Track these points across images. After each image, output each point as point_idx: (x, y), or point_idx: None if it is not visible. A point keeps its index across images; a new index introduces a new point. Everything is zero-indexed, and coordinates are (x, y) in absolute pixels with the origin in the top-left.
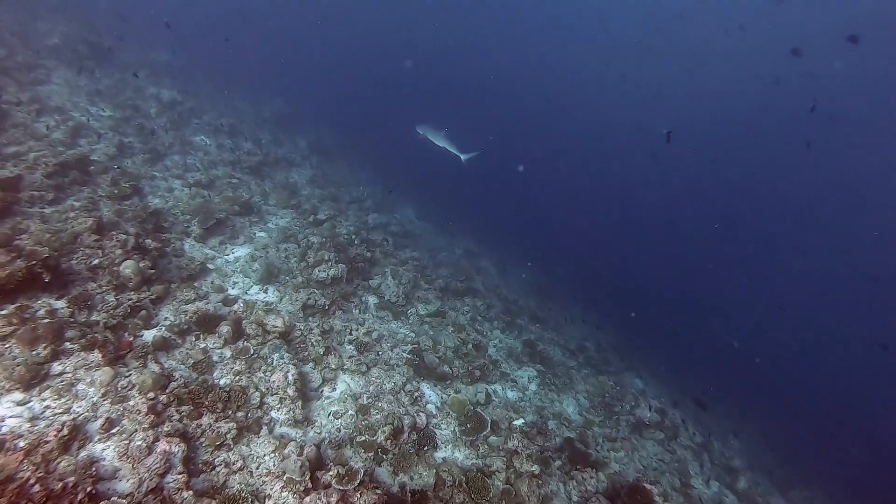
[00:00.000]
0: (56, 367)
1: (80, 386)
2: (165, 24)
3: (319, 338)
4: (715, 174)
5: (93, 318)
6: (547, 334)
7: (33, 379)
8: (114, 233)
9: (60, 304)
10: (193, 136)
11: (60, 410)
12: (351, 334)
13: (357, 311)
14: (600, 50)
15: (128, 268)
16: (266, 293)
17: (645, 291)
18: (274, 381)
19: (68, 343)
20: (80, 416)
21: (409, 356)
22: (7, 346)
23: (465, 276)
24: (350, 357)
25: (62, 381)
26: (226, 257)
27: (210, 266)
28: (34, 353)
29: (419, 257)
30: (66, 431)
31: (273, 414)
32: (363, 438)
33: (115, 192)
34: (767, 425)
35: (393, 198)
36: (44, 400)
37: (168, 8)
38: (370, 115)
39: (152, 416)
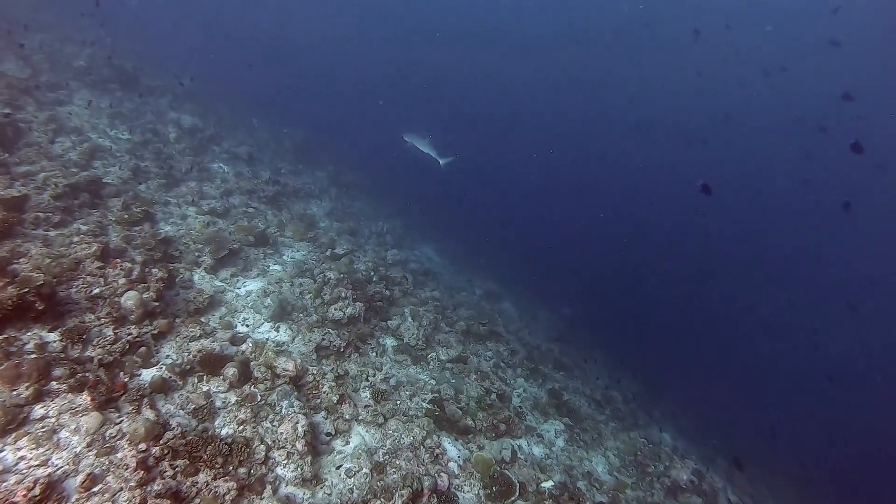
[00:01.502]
0: (38, 411)
1: (63, 433)
2: (187, 81)
3: (333, 384)
4: (755, 225)
5: (87, 353)
6: (571, 383)
7: (10, 424)
8: (118, 261)
9: (53, 336)
10: (212, 163)
11: (37, 462)
12: (367, 380)
13: (374, 354)
14: (633, 93)
15: (130, 299)
16: (277, 332)
17: (676, 342)
18: (282, 433)
19: (55, 382)
20: (58, 469)
21: (429, 406)
22: None
23: (488, 318)
24: (366, 406)
25: (43, 428)
26: (237, 291)
27: (219, 300)
28: (15, 393)
29: (440, 297)
30: (38, 490)
31: (279, 471)
32: (379, 503)
33: (126, 217)
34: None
35: (412, 234)
36: (19, 449)
37: (192, 36)
38: (390, 149)
39: (142, 471)
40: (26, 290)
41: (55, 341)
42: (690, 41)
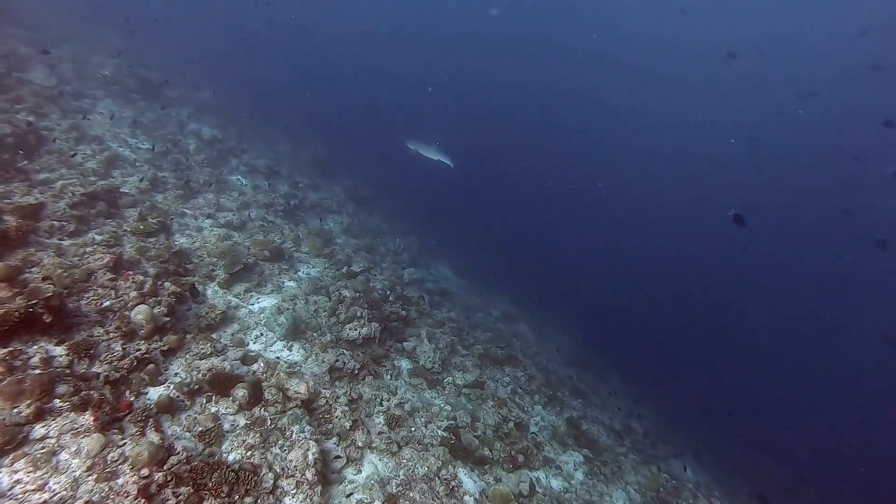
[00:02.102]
0: (38, 430)
1: (63, 455)
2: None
3: (346, 408)
4: (791, 255)
5: (93, 369)
6: (590, 411)
7: (8, 444)
8: (130, 273)
9: (59, 350)
10: (230, 175)
11: (33, 487)
12: (381, 405)
13: (389, 376)
14: (663, 126)
15: (140, 313)
16: (290, 351)
17: (700, 371)
18: (291, 460)
19: (58, 400)
20: (55, 495)
21: (444, 434)
22: None
23: (506, 342)
24: (380, 433)
25: (42, 449)
26: (250, 307)
27: (232, 316)
28: (16, 411)
29: (456, 319)
30: None
31: (287, 501)
32: None
33: (141, 227)
34: None
35: (428, 252)
36: (15, 472)
37: (218, 48)
38: (405, 163)
39: (143, 499)
40: (35, 301)
41: (61, 355)
42: (720, 66)
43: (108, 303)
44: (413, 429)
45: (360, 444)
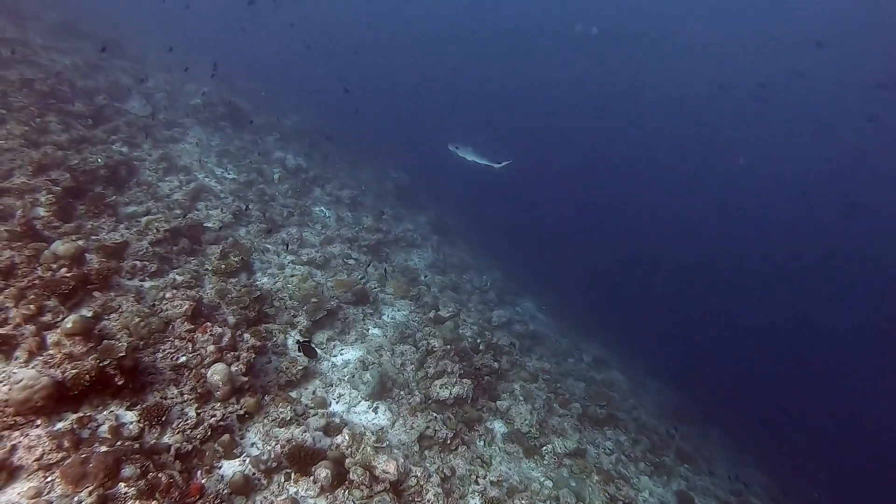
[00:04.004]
0: None
1: None
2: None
3: (439, 490)
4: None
5: (164, 439)
6: (699, 480)
7: None
8: (209, 324)
9: (130, 416)
10: (313, 206)
11: None
12: (477, 483)
13: (482, 443)
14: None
15: (217, 373)
16: (376, 413)
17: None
18: None
19: (123, 485)
20: None
21: None
22: (49, 480)
23: (606, 400)
24: None
25: None
26: (333, 359)
27: (314, 371)
28: (76, 499)
29: (549, 369)
30: None
31: None
32: None
33: (223, 266)
34: None
35: (512, 284)
36: None
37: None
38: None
39: None
40: (107, 361)
41: (132, 422)
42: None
43: (183, 358)
44: None
45: None
